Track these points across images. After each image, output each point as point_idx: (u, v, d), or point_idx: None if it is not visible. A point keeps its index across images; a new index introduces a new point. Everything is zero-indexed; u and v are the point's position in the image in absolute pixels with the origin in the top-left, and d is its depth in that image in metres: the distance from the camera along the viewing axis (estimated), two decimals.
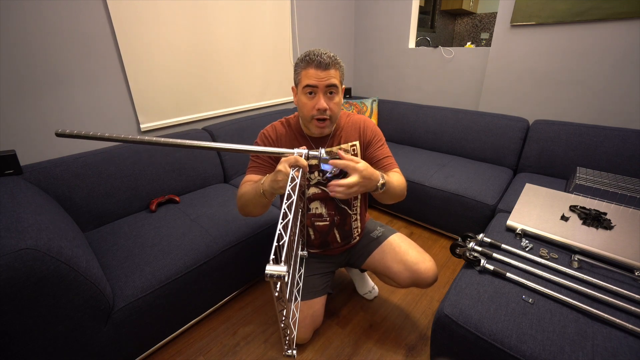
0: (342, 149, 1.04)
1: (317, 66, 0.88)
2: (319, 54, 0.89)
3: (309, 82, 0.89)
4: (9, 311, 0.75)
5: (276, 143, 1.05)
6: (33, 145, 1.29)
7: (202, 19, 1.68)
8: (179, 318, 1.21)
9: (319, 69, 0.88)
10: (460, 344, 0.87)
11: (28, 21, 1.18)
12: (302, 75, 0.91)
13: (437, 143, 2.23)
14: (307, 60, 0.89)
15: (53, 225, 0.88)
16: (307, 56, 0.90)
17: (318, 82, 0.89)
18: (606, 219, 1.16)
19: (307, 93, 0.91)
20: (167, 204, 1.52)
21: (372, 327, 1.28)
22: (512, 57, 1.92)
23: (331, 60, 0.89)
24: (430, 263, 1.09)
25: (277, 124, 1.07)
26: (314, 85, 0.89)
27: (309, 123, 0.96)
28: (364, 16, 2.63)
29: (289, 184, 0.70)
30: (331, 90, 0.91)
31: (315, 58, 0.88)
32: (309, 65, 0.89)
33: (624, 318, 0.80)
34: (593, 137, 1.65)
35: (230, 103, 1.97)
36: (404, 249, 1.13)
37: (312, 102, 0.91)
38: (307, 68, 0.89)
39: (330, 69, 0.89)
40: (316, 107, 0.91)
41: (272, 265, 0.52)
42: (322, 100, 0.90)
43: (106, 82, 1.43)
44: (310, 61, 0.88)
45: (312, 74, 0.89)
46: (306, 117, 0.94)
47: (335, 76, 0.91)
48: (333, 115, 0.94)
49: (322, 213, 1.08)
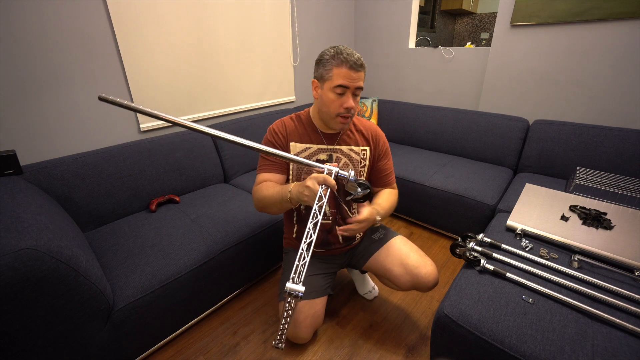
0: (353, 150, 1.07)
1: (351, 67, 0.89)
2: (351, 53, 0.90)
3: (342, 82, 0.90)
4: (9, 311, 0.75)
5: (286, 138, 1.05)
6: (33, 145, 1.29)
7: (202, 19, 1.68)
8: (179, 318, 1.21)
9: (352, 70, 0.90)
10: (460, 344, 0.87)
11: (28, 21, 1.18)
12: (334, 73, 0.91)
13: (437, 143, 2.23)
14: (341, 58, 0.90)
15: (53, 225, 0.88)
16: (341, 54, 0.90)
17: (350, 83, 0.91)
18: (606, 219, 1.16)
19: (338, 92, 0.92)
20: (167, 204, 1.52)
21: (372, 327, 1.28)
22: (512, 57, 1.92)
23: (362, 62, 0.92)
24: (431, 267, 1.09)
25: (286, 119, 1.08)
26: (347, 86, 0.91)
27: (332, 119, 0.98)
28: (364, 16, 2.63)
29: (316, 202, 0.71)
30: (356, 93, 0.94)
31: (350, 58, 0.89)
32: (342, 64, 0.89)
33: (624, 318, 0.80)
34: (593, 137, 1.65)
35: (230, 103, 1.97)
36: (405, 252, 1.13)
37: (340, 100, 0.93)
38: (341, 67, 0.90)
39: (361, 70, 0.92)
40: (344, 105, 0.93)
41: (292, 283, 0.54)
42: (351, 100, 0.93)
43: (106, 82, 1.43)
44: (345, 61, 0.89)
45: (345, 74, 0.90)
46: (332, 113, 0.96)
47: (363, 78, 0.94)
48: (353, 113, 0.98)
49: (326, 212, 1.08)
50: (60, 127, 1.35)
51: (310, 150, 1.05)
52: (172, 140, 1.60)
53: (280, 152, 0.84)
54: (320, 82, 0.96)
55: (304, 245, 0.61)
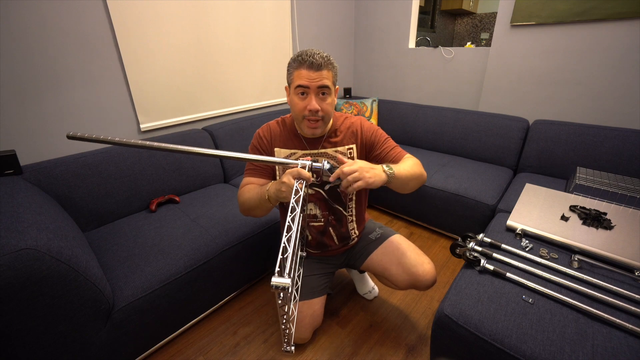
0: (338, 151, 1.04)
1: (309, 67, 0.88)
2: (311, 54, 0.88)
3: (300, 82, 0.89)
4: (9, 311, 0.75)
5: (271, 143, 1.04)
6: (33, 145, 1.29)
7: (202, 19, 1.68)
8: (179, 318, 1.21)
9: (311, 70, 0.88)
10: (460, 344, 0.87)
11: (28, 21, 1.18)
12: (294, 76, 0.91)
13: (437, 143, 2.23)
14: (299, 60, 0.89)
15: (53, 225, 0.88)
16: (300, 56, 0.89)
17: (310, 82, 0.89)
18: (606, 219, 1.16)
19: (299, 93, 0.91)
20: (167, 204, 1.52)
21: (372, 327, 1.28)
22: (512, 57, 1.92)
23: (324, 60, 0.88)
24: (429, 266, 1.08)
25: (272, 124, 1.07)
26: (306, 86, 0.89)
27: (300, 123, 0.97)
28: (364, 16, 2.63)
29: (293, 196, 0.70)
30: (323, 92, 0.91)
31: (308, 58, 0.87)
32: (301, 65, 0.89)
33: (624, 318, 0.80)
34: (593, 137, 1.65)
35: (230, 103, 1.97)
36: (402, 251, 1.12)
37: (303, 102, 0.92)
38: (299, 68, 0.89)
39: (323, 69, 0.89)
40: (308, 107, 0.91)
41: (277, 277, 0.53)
42: (313, 101, 0.90)
43: (106, 82, 1.43)
44: (303, 61, 0.88)
45: (304, 75, 0.88)
46: (298, 117, 0.95)
47: (328, 77, 0.90)
48: (325, 116, 0.94)
49: (317, 214, 1.08)
50: (60, 127, 1.35)
51: (295, 155, 1.03)
52: (172, 140, 1.60)
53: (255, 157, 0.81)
54: (289, 87, 0.96)
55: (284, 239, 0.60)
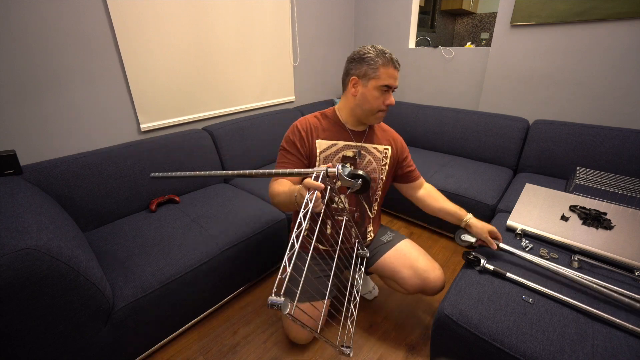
0: (377, 148, 1.11)
1: (396, 67, 0.97)
2: (391, 53, 0.97)
3: (389, 82, 0.97)
4: (9, 311, 0.75)
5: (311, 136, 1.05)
6: (33, 145, 1.29)
7: (202, 18, 1.68)
8: (179, 318, 1.21)
9: (397, 70, 0.98)
10: (460, 344, 0.87)
11: (28, 21, 1.18)
12: (381, 72, 0.96)
13: (437, 143, 2.23)
14: (387, 57, 0.96)
15: (53, 225, 0.88)
16: (385, 54, 0.96)
17: (394, 82, 0.98)
18: (606, 219, 1.16)
19: (383, 91, 0.98)
20: (167, 204, 1.52)
21: (373, 327, 1.28)
22: (512, 57, 1.92)
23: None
24: (439, 272, 1.11)
25: (310, 117, 1.09)
26: (392, 86, 0.98)
27: (371, 115, 1.03)
28: (364, 16, 2.63)
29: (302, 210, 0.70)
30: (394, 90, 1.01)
31: (394, 58, 0.97)
32: (389, 63, 0.96)
33: (624, 318, 0.80)
34: (593, 137, 1.65)
35: (230, 103, 1.97)
36: (414, 256, 1.14)
37: (383, 97, 0.99)
38: (387, 66, 0.96)
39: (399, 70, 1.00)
40: (386, 102, 0.99)
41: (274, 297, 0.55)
42: (392, 98, 1.00)
43: (106, 82, 1.43)
44: (391, 60, 0.96)
45: (392, 74, 0.97)
46: (374, 109, 1.01)
47: None
48: None
49: (345, 206, 1.08)
50: (60, 127, 1.35)
51: (337, 146, 1.06)
52: (172, 140, 1.60)
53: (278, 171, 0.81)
54: (363, 80, 0.98)
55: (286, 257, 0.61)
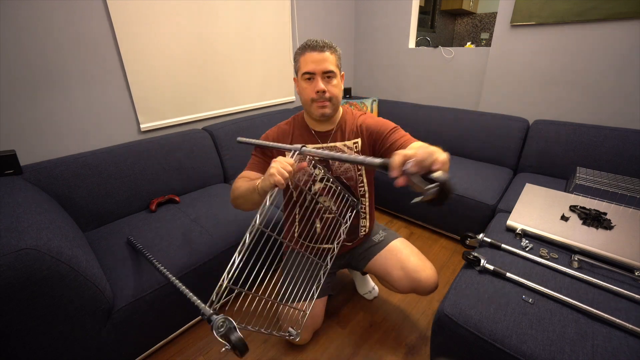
0: (346, 145, 1.05)
1: (313, 49, 0.93)
2: (314, 39, 0.94)
3: (307, 68, 0.94)
4: (9, 311, 0.75)
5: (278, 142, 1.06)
6: (33, 145, 1.29)
7: (202, 19, 1.68)
8: (180, 318, 1.21)
9: (315, 51, 0.93)
10: (460, 344, 0.87)
11: (28, 21, 1.18)
12: (300, 63, 0.95)
13: (437, 143, 2.20)
14: (303, 46, 0.95)
15: (53, 225, 0.88)
16: (303, 43, 0.96)
17: (315, 67, 0.93)
18: (606, 219, 1.16)
19: (307, 79, 0.95)
20: (167, 204, 1.52)
21: (372, 327, 1.28)
22: (512, 57, 1.92)
23: (326, 44, 0.94)
24: (431, 271, 1.08)
25: (282, 125, 1.10)
26: (312, 72, 0.93)
27: (310, 107, 0.98)
28: (364, 16, 2.63)
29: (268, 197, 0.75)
30: (329, 75, 0.95)
31: (310, 42, 0.94)
32: (305, 50, 0.94)
33: (624, 318, 0.80)
34: (593, 137, 1.65)
35: (230, 103, 1.97)
36: (405, 255, 1.12)
37: (311, 86, 0.95)
38: (304, 53, 0.94)
39: (326, 51, 0.93)
40: (315, 89, 0.94)
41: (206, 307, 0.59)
42: (320, 83, 0.94)
43: (106, 82, 1.43)
44: (306, 46, 0.94)
45: (309, 59, 0.93)
46: (307, 101, 0.98)
47: (332, 61, 0.95)
48: (333, 97, 0.97)
49: (332, 207, 1.08)
50: (60, 127, 1.35)
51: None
52: (172, 140, 1.60)
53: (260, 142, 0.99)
54: (297, 77, 1.00)
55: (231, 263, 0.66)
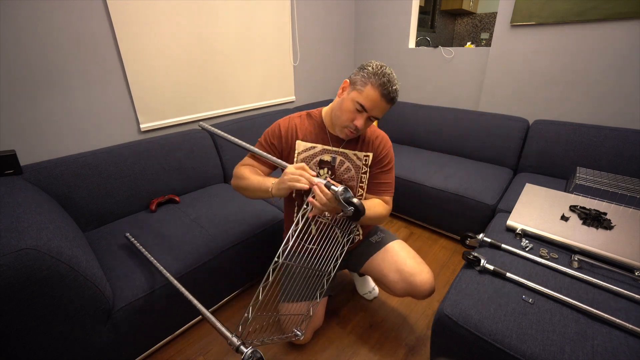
0: (357, 155, 1.06)
1: (383, 95, 0.88)
2: (391, 82, 0.88)
3: (365, 104, 0.89)
4: (9, 311, 0.75)
5: (292, 136, 1.05)
6: (33, 145, 1.29)
7: (202, 19, 1.68)
8: (179, 318, 1.21)
9: (383, 99, 0.88)
10: (460, 344, 0.87)
11: (28, 21, 1.18)
12: (365, 90, 0.88)
13: (437, 143, 2.23)
14: (381, 81, 0.87)
15: (53, 225, 0.88)
16: (383, 77, 0.87)
17: (372, 108, 0.89)
18: (606, 219, 1.16)
19: (357, 108, 0.91)
20: (167, 204, 1.52)
21: (372, 327, 1.28)
22: (512, 57, 1.92)
23: (396, 95, 0.90)
24: (427, 275, 1.06)
25: (294, 117, 1.08)
26: (367, 109, 0.90)
27: (339, 125, 0.97)
28: (364, 16, 2.63)
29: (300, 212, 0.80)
30: (373, 119, 0.93)
31: (388, 87, 0.87)
32: (379, 87, 0.87)
33: (624, 318, 0.80)
34: (593, 137, 1.65)
35: (230, 103, 1.97)
36: (402, 258, 1.10)
37: (354, 115, 0.92)
38: (376, 88, 0.87)
39: (390, 104, 0.91)
40: (354, 122, 0.92)
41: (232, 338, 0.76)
42: (361, 121, 0.92)
43: (106, 82, 1.43)
44: (383, 85, 0.87)
45: (374, 98, 0.88)
46: (341, 121, 0.95)
47: (386, 111, 0.93)
48: (361, 133, 0.99)
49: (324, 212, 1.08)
50: (60, 127, 1.35)
51: (315, 150, 1.04)
52: (172, 140, 1.60)
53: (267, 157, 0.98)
54: (351, 87, 0.93)
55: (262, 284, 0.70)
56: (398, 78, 0.92)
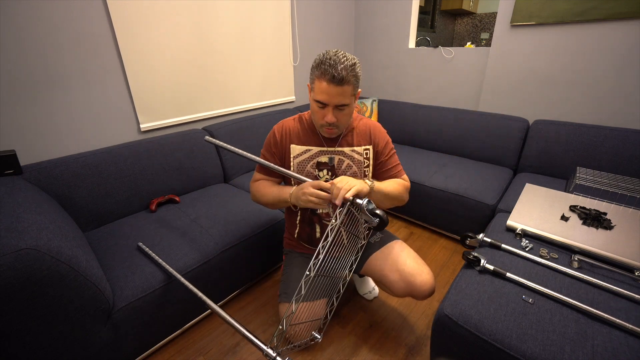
0: (355, 151, 1.06)
1: (330, 80, 0.84)
2: (335, 64, 0.83)
3: (320, 98, 0.88)
4: (9, 311, 0.75)
5: (286, 141, 1.06)
6: (33, 145, 1.29)
7: (202, 18, 1.68)
8: (179, 318, 1.21)
9: (332, 84, 0.85)
10: (460, 344, 0.87)
11: (28, 21, 1.18)
12: (315, 85, 0.89)
13: (437, 143, 2.23)
14: (322, 69, 0.85)
15: (53, 225, 0.88)
16: (323, 64, 0.85)
17: (329, 99, 0.88)
18: (606, 219, 1.16)
19: (318, 106, 0.91)
20: (167, 204, 1.52)
21: (372, 327, 1.28)
22: (512, 57, 1.92)
23: (346, 73, 0.84)
24: (428, 276, 1.05)
25: (288, 121, 1.09)
26: (325, 102, 0.89)
27: (318, 127, 1.00)
28: (364, 16, 2.63)
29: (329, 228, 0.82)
30: (342, 107, 0.91)
31: (330, 70, 0.83)
32: (322, 76, 0.85)
33: (624, 318, 0.80)
34: (593, 137, 1.65)
35: (230, 103, 1.97)
36: (402, 259, 1.09)
37: (321, 112, 0.92)
38: (321, 79, 0.86)
39: (344, 84, 0.85)
40: (325, 119, 0.93)
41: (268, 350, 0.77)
42: (330, 115, 0.91)
43: (106, 82, 1.43)
44: (325, 72, 0.84)
45: (324, 89, 0.86)
46: (317, 123, 0.98)
47: (347, 92, 0.87)
48: (341, 124, 0.97)
49: (330, 213, 1.08)
50: (60, 127, 1.35)
51: (310, 152, 1.04)
52: (172, 140, 1.60)
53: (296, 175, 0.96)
54: (310, 89, 0.94)
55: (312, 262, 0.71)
56: (398, 78, 0.91)
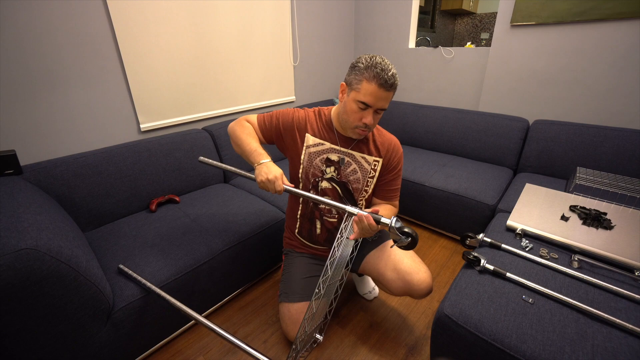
0: (365, 159, 1.06)
1: (382, 85, 0.86)
2: (386, 69, 0.86)
3: (366, 99, 0.88)
4: (9, 311, 0.75)
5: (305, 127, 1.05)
6: (33, 145, 1.29)
7: (202, 18, 1.68)
8: (179, 318, 1.21)
9: (382, 89, 0.86)
10: (460, 344, 0.87)
11: (28, 21, 1.18)
12: (362, 86, 0.88)
13: (437, 143, 2.23)
14: (374, 73, 0.86)
15: (53, 225, 0.88)
16: (375, 67, 0.86)
17: (375, 102, 0.88)
18: (606, 219, 1.16)
19: (359, 106, 0.91)
20: (167, 204, 1.52)
21: (372, 327, 1.28)
22: (512, 57, 1.92)
23: (394, 80, 0.87)
24: (425, 274, 1.05)
25: (309, 110, 1.08)
26: (370, 105, 0.89)
27: (350, 127, 0.97)
28: (364, 16, 2.63)
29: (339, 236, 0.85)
30: (379, 111, 0.92)
31: (383, 75, 0.85)
32: (373, 79, 0.86)
33: (624, 318, 0.80)
34: (593, 137, 1.65)
35: (230, 103, 1.97)
36: (399, 257, 1.08)
37: (360, 114, 0.92)
38: (371, 82, 0.86)
39: (391, 90, 0.88)
40: (363, 120, 0.92)
41: None
42: (370, 117, 0.91)
43: (106, 82, 1.43)
44: (377, 76, 0.85)
45: (373, 91, 0.87)
46: (350, 123, 0.96)
47: (390, 98, 0.91)
48: (373, 128, 0.98)
49: (332, 210, 1.08)
50: (60, 127, 1.35)
51: (323, 147, 1.04)
52: (172, 140, 1.60)
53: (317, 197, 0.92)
54: (348, 89, 0.93)
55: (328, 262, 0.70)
56: (398, 78, 0.92)
